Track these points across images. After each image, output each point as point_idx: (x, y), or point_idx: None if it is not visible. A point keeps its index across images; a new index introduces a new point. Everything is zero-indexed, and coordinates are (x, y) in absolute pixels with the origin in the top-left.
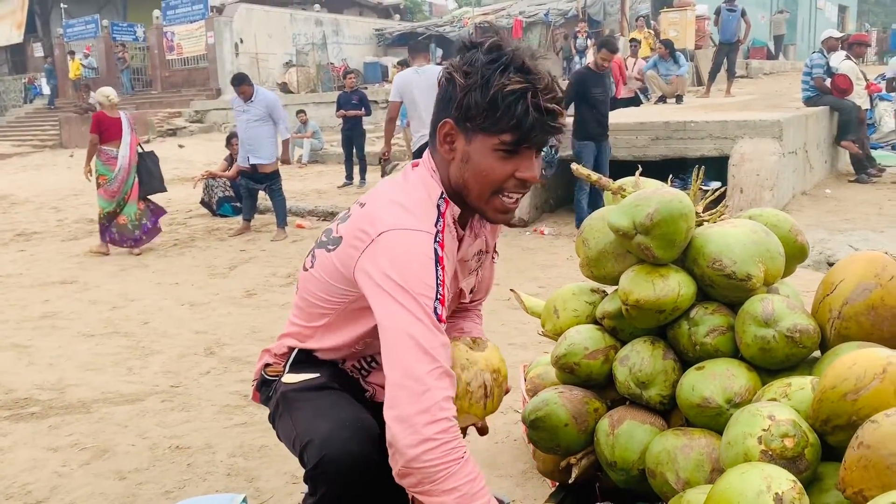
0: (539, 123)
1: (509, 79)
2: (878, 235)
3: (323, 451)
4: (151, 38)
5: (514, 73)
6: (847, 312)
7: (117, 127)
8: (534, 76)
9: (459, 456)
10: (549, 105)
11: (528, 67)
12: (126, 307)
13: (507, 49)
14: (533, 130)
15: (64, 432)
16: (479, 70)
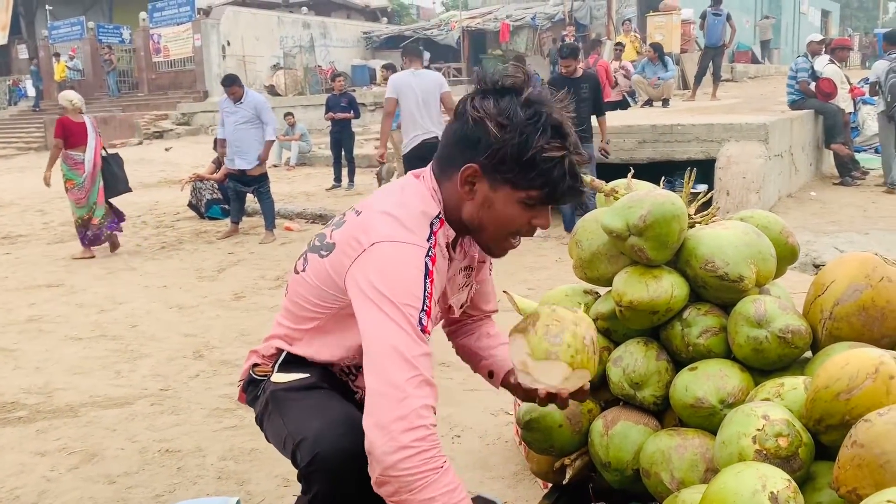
0: (570, 189)
1: (548, 143)
2: (862, 237)
3: (316, 449)
4: (138, 40)
5: (553, 137)
6: (838, 313)
7: (82, 131)
8: (569, 141)
9: (438, 466)
10: (578, 170)
11: (565, 131)
12: (114, 310)
13: (543, 104)
14: (564, 195)
15: (52, 436)
16: (517, 126)
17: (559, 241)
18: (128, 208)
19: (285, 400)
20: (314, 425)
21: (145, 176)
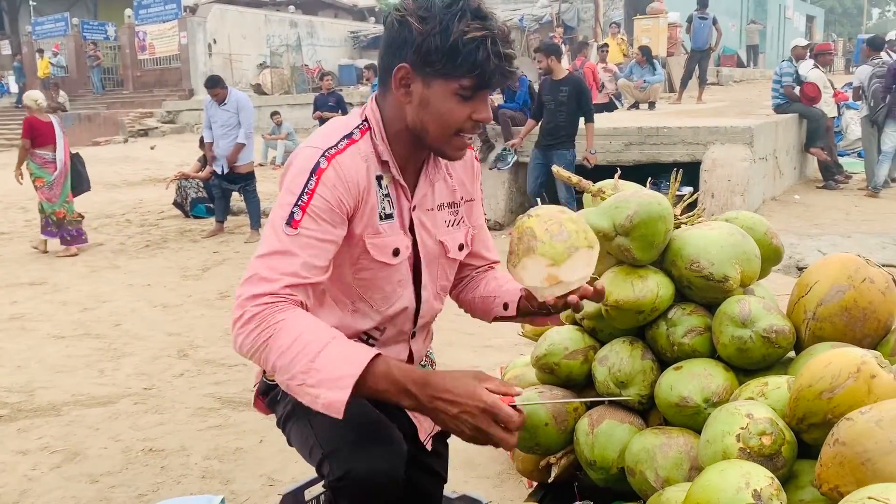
0: (499, 69)
1: (468, 25)
2: (845, 240)
3: (350, 465)
4: (123, 37)
5: (473, 20)
6: (821, 313)
7: (49, 130)
8: (491, 22)
9: (266, 338)
10: (507, 50)
11: (485, 13)
12: (97, 309)
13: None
14: (493, 76)
15: (34, 435)
16: (436, 16)
17: None
18: (112, 206)
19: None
20: (348, 438)
21: (130, 174)
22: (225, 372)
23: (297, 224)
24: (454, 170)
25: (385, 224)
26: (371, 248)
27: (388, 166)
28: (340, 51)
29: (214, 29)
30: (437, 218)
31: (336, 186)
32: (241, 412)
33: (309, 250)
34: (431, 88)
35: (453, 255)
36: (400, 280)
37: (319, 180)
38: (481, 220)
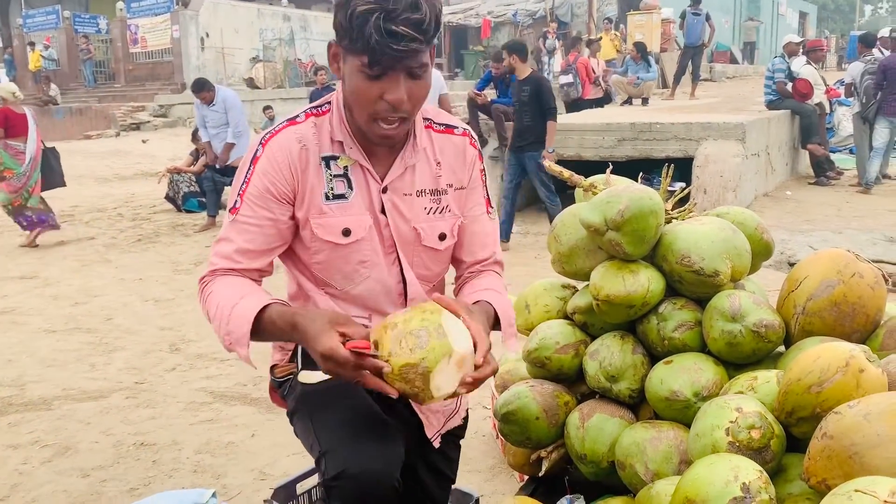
0: (383, 46)
1: (361, 3)
2: (836, 236)
3: (346, 465)
4: (115, 30)
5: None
6: (811, 308)
7: (23, 122)
8: (387, 1)
9: (203, 307)
10: (394, 27)
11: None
12: (89, 303)
13: None
14: (381, 53)
15: (24, 429)
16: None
17: (537, 238)
18: (104, 200)
19: (317, 403)
20: (346, 438)
21: (122, 168)
22: (217, 366)
23: (235, 211)
24: (443, 156)
25: (333, 204)
26: (316, 229)
27: (342, 146)
28: None
29: (207, 22)
30: (414, 204)
31: (266, 171)
32: (233, 406)
33: (244, 235)
34: (346, 65)
35: (429, 244)
36: (362, 260)
37: (255, 167)
38: (478, 212)
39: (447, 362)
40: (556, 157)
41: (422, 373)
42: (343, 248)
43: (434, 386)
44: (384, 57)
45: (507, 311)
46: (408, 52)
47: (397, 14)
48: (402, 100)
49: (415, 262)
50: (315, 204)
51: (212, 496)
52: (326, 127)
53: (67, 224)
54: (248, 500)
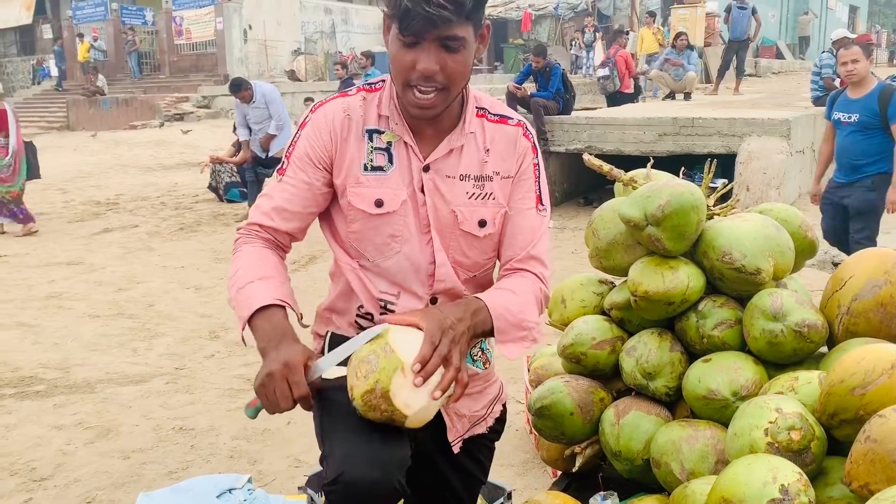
0: (414, 9)
1: None
2: (883, 236)
3: (342, 468)
4: (160, 22)
5: None
6: (856, 308)
7: (3, 117)
8: None
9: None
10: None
11: None
12: (131, 289)
13: None
14: (410, 17)
15: (69, 411)
16: None
17: (575, 232)
18: (147, 189)
19: (329, 401)
20: (347, 441)
21: (165, 158)
22: (254, 354)
23: (282, 171)
24: (493, 144)
25: (370, 175)
26: (351, 197)
27: (388, 122)
28: (374, 38)
29: (250, 15)
30: (456, 186)
31: (309, 135)
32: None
33: (283, 194)
34: (389, 33)
35: (467, 229)
36: (393, 234)
37: (301, 131)
38: (525, 206)
39: (402, 376)
40: (596, 151)
41: (381, 395)
42: (375, 219)
43: (401, 404)
44: (414, 21)
45: (509, 311)
46: (438, 18)
47: None
48: (434, 70)
49: (451, 247)
50: (353, 173)
51: (247, 481)
52: (375, 101)
53: (112, 212)
54: (283, 486)
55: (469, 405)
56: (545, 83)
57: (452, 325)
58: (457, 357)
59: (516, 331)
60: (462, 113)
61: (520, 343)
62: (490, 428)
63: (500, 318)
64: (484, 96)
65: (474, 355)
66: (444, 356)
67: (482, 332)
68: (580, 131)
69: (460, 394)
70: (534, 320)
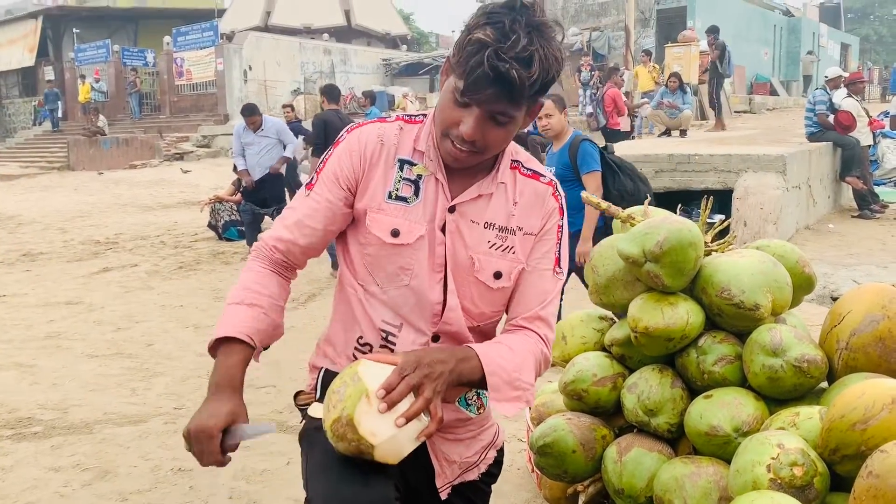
0: (485, 80)
1: (484, 30)
2: (881, 270)
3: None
4: (161, 63)
5: (492, 28)
6: (855, 343)
7: None
8: (507, 38)
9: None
10: (503, 67)
11: (507, 29)
12: (130, 329)
13: (517, 8)
14: (476, 85)
15: (66, 452)
16: (478, 14)
17: None
18: (147, 228)
19: (313, 441)
20: (327, 483)
21: (165, 197)
22: (253, 393)
23: (310, 186)
24: (521, 197)
25: (393, 204)
26: (370, 222)
27: (422, 156)
28: (373, 78)
29: (250, 56)
30: (478, 233)
31: (340, 155)
32: (269, 434)
33: (306, 209)
34: (447, 82)
35: (481, 278)
36: (404, 266)
37: (334, 149)
38: (543, 266)
39: (367, 403)
40: None
41: (346, 423)
42: (389, 248)
43: (366, 432)
44: (477, 91)
45: (503, 369)
46: (498, 97)
47: (507, 58)
48: (474, 137)
49: (462, 293)
50: (376, 199)
51: None
52: (413, 134)
53: (111, 251)
54: None
55: (460, 451)
56: None
57: (430, 364)
58: (429, 390)
59: (509, 389)
60: (497, 162)
61: (514, 403)
62: (483, 474)
63: (493, 375)
64: (520, 150)
65: (469, 399)
66: (412, 385)
67: (468, 382)
68: None
69: (433, 429)
70: (529, 381)
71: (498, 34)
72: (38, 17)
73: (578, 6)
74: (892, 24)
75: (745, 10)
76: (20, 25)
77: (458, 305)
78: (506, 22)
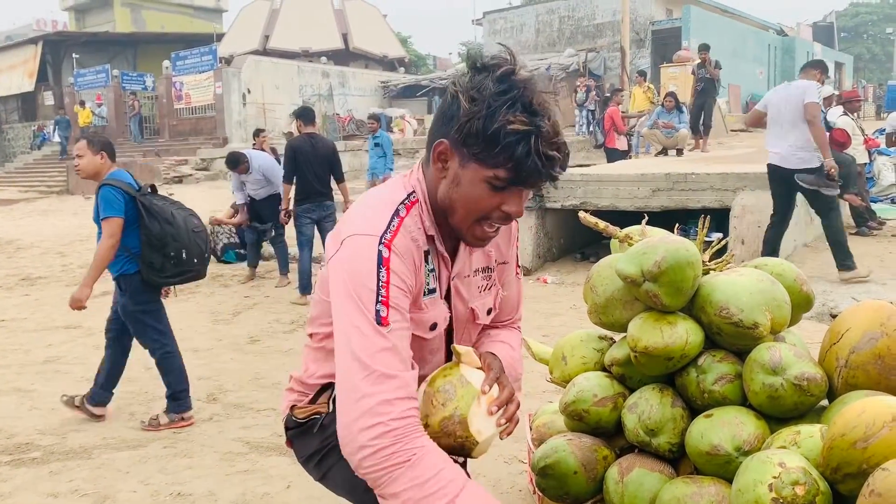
0: (536, 169)
1: (515, 117)
2: (880, 287)
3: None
4: (161, 87)
5: (521, 112)
6: (854, 361)
7: None
8: (540, 118)
9: (402, 461)
10: (550, 152)
11: (536, 108)
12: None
13: (518, 81)
14: (530, 175)
15: (65, 478)
16: (486, 99)
17: (573, 288)
18: None
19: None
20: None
21: None
22: (253, 416)
23: (386, 322)
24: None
25: (427, 299)
26: (412, 325)
27: (433, 240)
28: (371, 100)
29: (249, 79)
30: (471, 284)
31: (402, 274)
32: (269, 457)
33: (404, 342)
34: (466, 170)
35: (481, 321)
36: (432, 349)
37: (389, 271)
38: (513, 281)
39: (478, 404)
40: (591, 206)
41: (459, 421)
42: (426, 342)
43: (475, 430)
44: (531, 178)
45: (514, 367)
46: (553, 176)
47: (551, 138)
48: (521, 212)
49: (464, 338)
50: (418, 301)
51: None
52: (418, 220)
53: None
54: None
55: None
56: None
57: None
58: (518, 395)
59: (515, 383)
60: None
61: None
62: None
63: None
64: None
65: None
66: (512, 390)
67: None
68: (575, 188)
69: (512, 429)
70: (522, 371)
71: (530, 116)
72: (38, 42)
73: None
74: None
75: (740, 30)
76: (20, 51)
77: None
78: (526, 101)
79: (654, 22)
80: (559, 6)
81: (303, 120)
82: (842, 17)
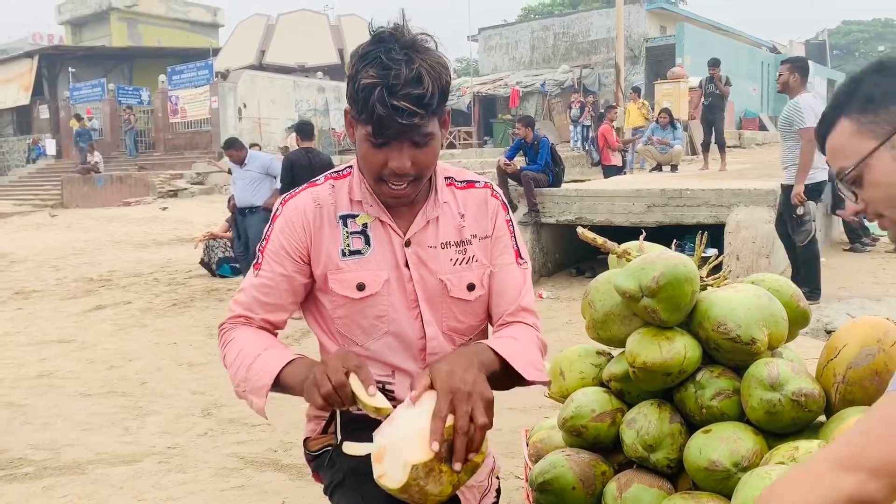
0: (386, 119)
1: (367, 73)
2: (874, 303)
3: None
4: (156, 101)
5: (373, 67)
6: (851, 377)
7: None
8: (390, 72)
9: (223, 355)
10: (396, 102)
11: (388, 62)
12: (124, 367)
13: (380, 39)
14: (387, 126)
15: (58, 493)
16: (354, 61)
17: (569, 303)
18: (140, 265)
19: (365, 476)
20: None
21: (159, 234)
22: (248, 431)
23: (258, 266)
24: (466, 209)
25: (349, 260)
26: (333, 284)
27: (361, 205)
28: None
29: (244, 94)
30: (439, 256)
31: (283, 229)
32: (264, 472)
33: (261, 289)
34: (357, 132)
35: (457, 295)
36: (379, 315)
37: (273, 226)
38: (506, 261)
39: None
40: (587, 222)
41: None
42: (359, 303)
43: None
44: (387, 129)
45: (518, 353)
46: (410, 126)
47: (398, 88)
48: (405, 167)
49: (445, 315)
50: (332, 260)
51: None
52: (345, 188)
53: (105, 289)
54: None
55: (475, 475)
56: (534, 157)
57: (463, 382)
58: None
59: (532, 369)
60: (432, 185)
61: (541, 375)
62: (494, 502)
63: (514, 358)
64: (448, 166)
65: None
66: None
67: (491, 374)
68: (570, 203)
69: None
70: (541, 362)
71: (380, 70)
72: (34, 56)
73: (569, 44)
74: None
75: (733, 47)
76: (16, 64)
77: (438, 333)
78: (381, 56)
79: (649, 39)
80: (554, 23)
81: (301, 134)
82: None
